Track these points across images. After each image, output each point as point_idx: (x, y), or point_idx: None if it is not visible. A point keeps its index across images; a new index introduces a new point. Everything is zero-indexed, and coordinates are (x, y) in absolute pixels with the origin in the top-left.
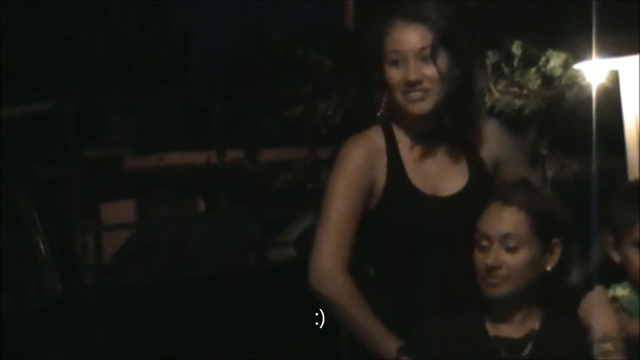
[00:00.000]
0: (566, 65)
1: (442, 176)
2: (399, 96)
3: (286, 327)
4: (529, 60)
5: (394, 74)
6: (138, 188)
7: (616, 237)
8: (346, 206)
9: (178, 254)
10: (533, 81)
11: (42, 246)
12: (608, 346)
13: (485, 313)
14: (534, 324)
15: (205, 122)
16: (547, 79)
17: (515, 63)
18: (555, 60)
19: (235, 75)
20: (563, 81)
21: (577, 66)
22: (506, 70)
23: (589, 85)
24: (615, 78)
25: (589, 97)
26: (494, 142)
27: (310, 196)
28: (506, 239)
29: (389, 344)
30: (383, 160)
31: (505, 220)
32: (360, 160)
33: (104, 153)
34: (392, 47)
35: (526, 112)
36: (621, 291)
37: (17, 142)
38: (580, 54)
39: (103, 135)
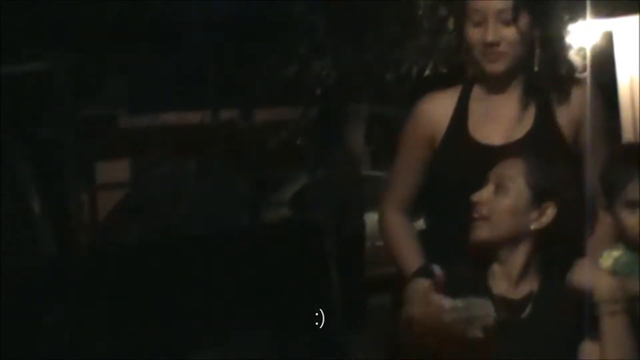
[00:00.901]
0: None
1: (502, 126)
2: (477, 54)
3: (280, 286)
4: None
5: (474, 33)
6: (133, 147)
7: (609, 199)
8: (406, 158)
9: (172, 214)
10: None
11: (36, 205)
12: (615, 307)
13: (487, 270)
14: (533, 286)
15: (200, 81)
16: None
17: None
18: None
19: (229, 34)
20: None
21: (571, 27)
22: None
23: (583, 46)
24: (609, 39)
25: (584, 58)
26: (577, 104)
27: (304, 156)
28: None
29: (410, 263)
30: (448, 113)
31: None
32: (421, 114)
33: (99, 112)
34: (474, 6)
35: None
36: (616, 254)
37: (11, 102)
38: (574, 14)
39: (97, 94)
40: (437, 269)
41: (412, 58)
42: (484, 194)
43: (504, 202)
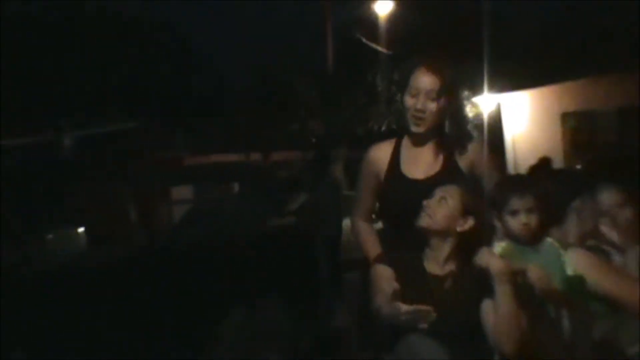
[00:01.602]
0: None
1: (422, 167)
2: (408, 117)
3: (290, 268)
4: None
5: (409, 102)
6: (195, 177)
7: (497, 211)
8: (362, 188)
9: (219, 223)
10: None
11: (139, 216)
12: (503, 278)
13: (422, 254)
14: (453, 266)
15: (236, 135)
16: None
17: None
18: None
19: (253, 104)
20: None
21: (473, 100)
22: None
23: (481, 114)
24: (499, 108)
25: (481, 124)
26: (471, 154)
27: (304, 183)
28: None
29: (372, 253)
30: (387, 157)
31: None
32: (370, 158)
33: (172, 155)
34: (413, 84)
35: None
36: (502, 245)
37: (117, 150)
38: (475, 90)
39: (171, 143)
40: (394, 285)
41: (374, 119)
42: (432, 202)
43: (443, 210)
